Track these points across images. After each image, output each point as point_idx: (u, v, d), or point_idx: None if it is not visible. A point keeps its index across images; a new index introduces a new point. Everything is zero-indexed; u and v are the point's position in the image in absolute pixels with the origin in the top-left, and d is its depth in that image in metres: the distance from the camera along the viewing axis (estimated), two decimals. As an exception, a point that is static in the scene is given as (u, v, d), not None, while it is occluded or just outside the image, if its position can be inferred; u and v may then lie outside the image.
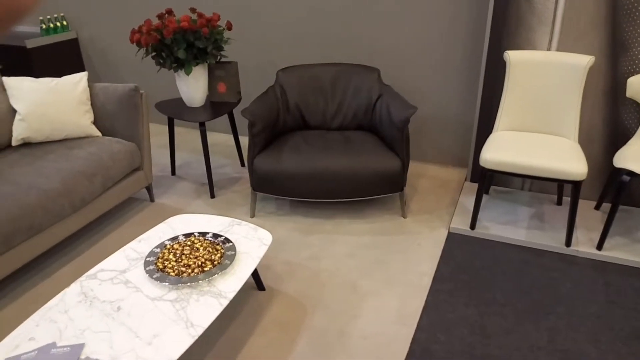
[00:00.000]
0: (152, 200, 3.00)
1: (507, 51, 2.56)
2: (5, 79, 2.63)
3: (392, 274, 2.34)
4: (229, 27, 2.93)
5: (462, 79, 3.08)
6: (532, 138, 2.54)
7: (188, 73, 2.77)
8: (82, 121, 2.68)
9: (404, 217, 2.78)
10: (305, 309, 2.13)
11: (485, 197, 2.91)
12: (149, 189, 2.97)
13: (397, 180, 2.63)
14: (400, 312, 2.10)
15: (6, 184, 2.25)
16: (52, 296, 2.24)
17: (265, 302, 2.17)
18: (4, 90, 2.64)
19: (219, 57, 2.92)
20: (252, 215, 2.83)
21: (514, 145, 2.44)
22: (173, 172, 3.34)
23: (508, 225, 2.63)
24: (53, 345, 1.52)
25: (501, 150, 2.41)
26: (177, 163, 3.50)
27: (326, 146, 2.71)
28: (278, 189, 2.66)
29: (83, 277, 1.83)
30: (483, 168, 2.43)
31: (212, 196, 3.03)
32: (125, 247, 2.01)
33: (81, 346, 1.51)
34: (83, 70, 4.20)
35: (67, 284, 2.30)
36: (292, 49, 3.45)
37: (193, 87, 2.90)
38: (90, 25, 4.02)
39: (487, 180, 2.71)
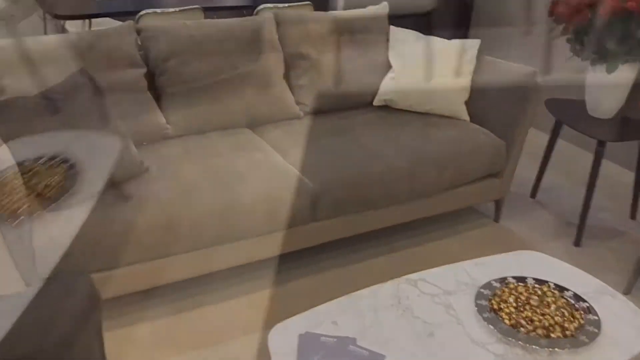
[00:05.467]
0: (496, 219, 3.09)
1: None
2: (392, 28, 3.10)
3: None
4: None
5: None
6: None
7: (610, 70, 2.69)
8: (452, 98, 2.93)
9: None
10: None
11: None
12: (497, 204, 3.06)
13: None
14: None
15: (354, 145, 2.66)
16: (360, 282, 2.53)
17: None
18: (387, 40, 3.11)
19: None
20: (627, 292, 2.61)
21: None
22: (533, 194, 3.34)
23: None
24: (353, 341, 1.75)
25: None
26: (542, 184, 3.48)
27: None
28: (686, 270, 2.37)
29: (402, 280, 2.04)
30: None
31: (577, 244, 2.91)
32: (456, 264, 2.13)
33: (381, 357, 1.70)
34: (464, 29, 4.58)
35: (380, 277, 2.58)
36: None
37: (608, 90, 2.82)
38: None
39: None
